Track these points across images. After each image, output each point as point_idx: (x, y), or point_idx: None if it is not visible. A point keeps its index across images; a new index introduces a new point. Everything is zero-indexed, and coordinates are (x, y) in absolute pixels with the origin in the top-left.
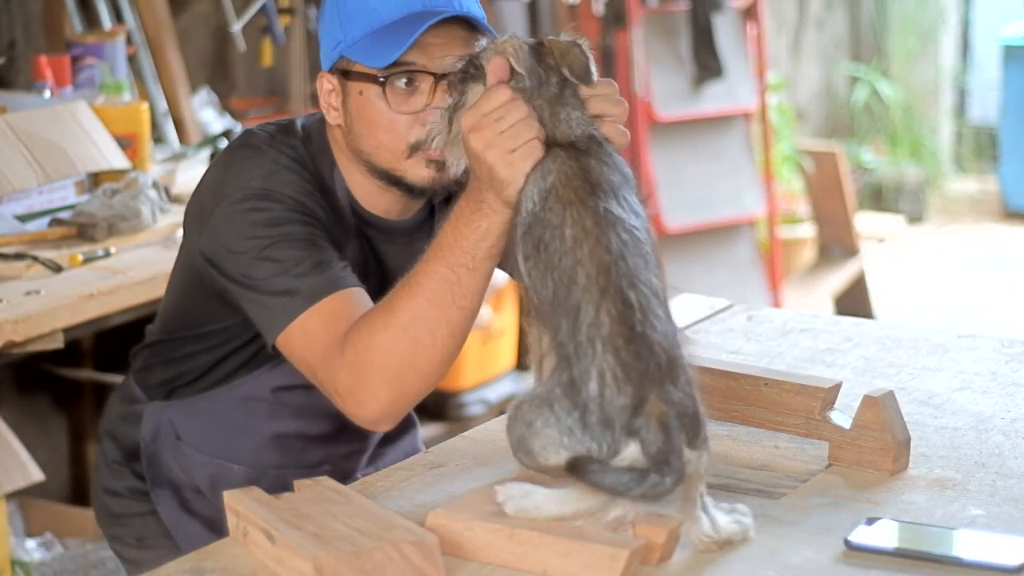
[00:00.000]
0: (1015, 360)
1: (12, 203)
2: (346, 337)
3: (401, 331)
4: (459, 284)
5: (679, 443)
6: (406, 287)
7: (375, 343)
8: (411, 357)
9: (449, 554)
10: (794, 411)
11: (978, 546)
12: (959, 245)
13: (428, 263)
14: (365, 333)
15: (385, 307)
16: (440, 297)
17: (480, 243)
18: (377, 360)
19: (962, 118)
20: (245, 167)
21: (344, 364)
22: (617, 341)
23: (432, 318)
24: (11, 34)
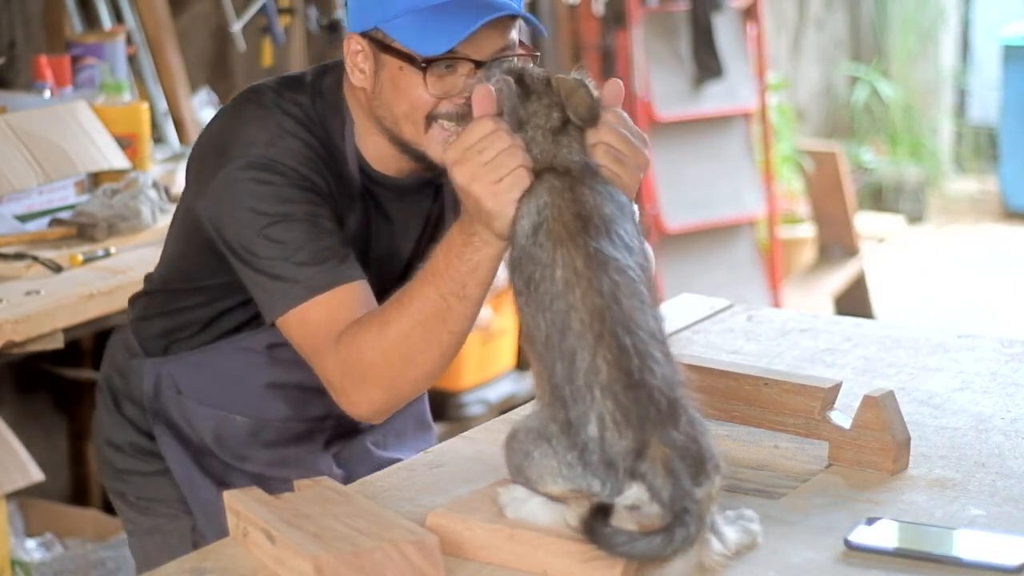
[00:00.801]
0: (1015, 360)
1: (12, 203)
2: (340, 338)
3: (392, 346)
4: (450, 312)
5: (688, 486)
6: (399, 304)
7: (366, 352)
8: (402, 369)
9: (449, 554)
10: (794, 411)
11: (978, 546)
12: (959, 245)
13: (420, 286)
14: (358, 340)
15: (379, 319)
16: (430, 322)
17: (471, 275)
18: (368, 367)
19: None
20: (250, 128)
21: (338, 363)
22: (616, 387)
23: (422, 339)
24: (11, 34)
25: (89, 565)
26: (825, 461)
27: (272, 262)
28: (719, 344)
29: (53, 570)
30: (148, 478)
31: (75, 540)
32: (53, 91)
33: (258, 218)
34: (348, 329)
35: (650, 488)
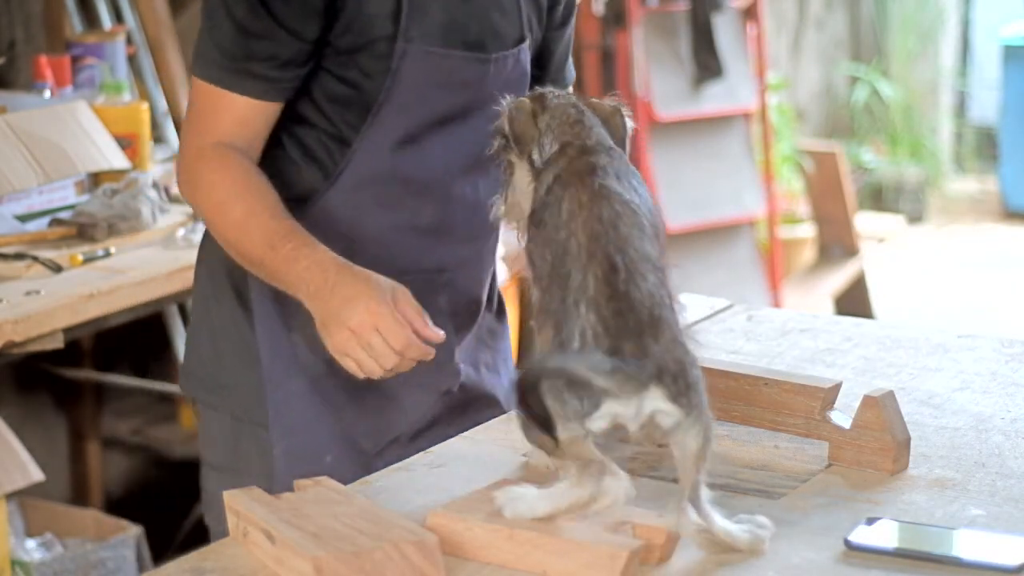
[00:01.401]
0: (1015, 360)
1: (12, 203)
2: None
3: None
4: (255, 257)
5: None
6: (243, 221)
7: (204, 190)
8: (211, 225)
9: (449, 554)
10: (794, 411)
11: (978, 546)
12: (959, 245)
13: (271, 226)
14: (213, 183)
15: (228, 197)
16: (245, 246)
17: (282, 272)
18: (202, 194)
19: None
20: None
21: (195, 165)
22: (599, 300)
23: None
24: (11, 34)
25: (89, 565)
26: (825, 461)
27: (207, 23)
28: (719, 344)
29: (53, 570)
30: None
31: (75, 540)
32: (53, 91)
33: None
34: (223, 169)
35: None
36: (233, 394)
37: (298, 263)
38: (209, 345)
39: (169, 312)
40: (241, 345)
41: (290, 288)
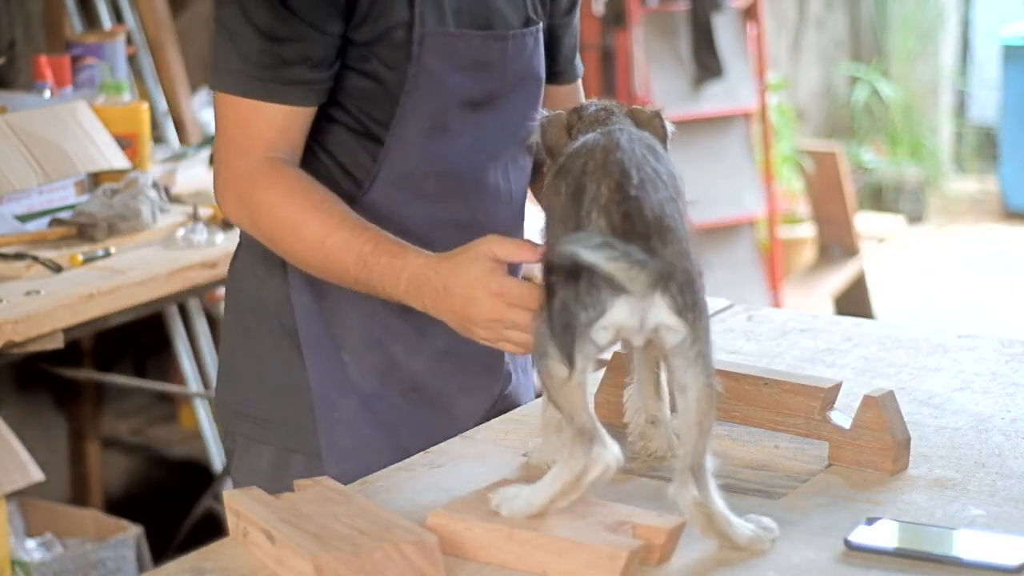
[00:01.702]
0: (1015, 360)
1: (12, 203)
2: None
3: (281, 232)
4: (340, 274)
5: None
6: (322, 227)
7: (266, 209)
8: (281, 247)
9: (449, 554)
10: (794, 411)
11: (978, 546)
12: (959, 245)
13: (347, 249)
14: (273, 199)
15: (300, 216)
16: (327, 261)
17: (379, 286)
18: (259, 213)
19: (962, 118)
20: None
21: (245, 183)
22: (610, 206)
23: (306, 259)
24: (11, 34)
25: (89, 565)
26: (825, 461)
27: (223, 34)
28: (719, 344)
29: (53, 570)
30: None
31: (75, 540)
32: (53, 91)
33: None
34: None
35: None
36: (283, 427)
37: (399, 279)
38: (253, 377)
39: (169, 312)
40: (287, 373)
41: (399, 300)
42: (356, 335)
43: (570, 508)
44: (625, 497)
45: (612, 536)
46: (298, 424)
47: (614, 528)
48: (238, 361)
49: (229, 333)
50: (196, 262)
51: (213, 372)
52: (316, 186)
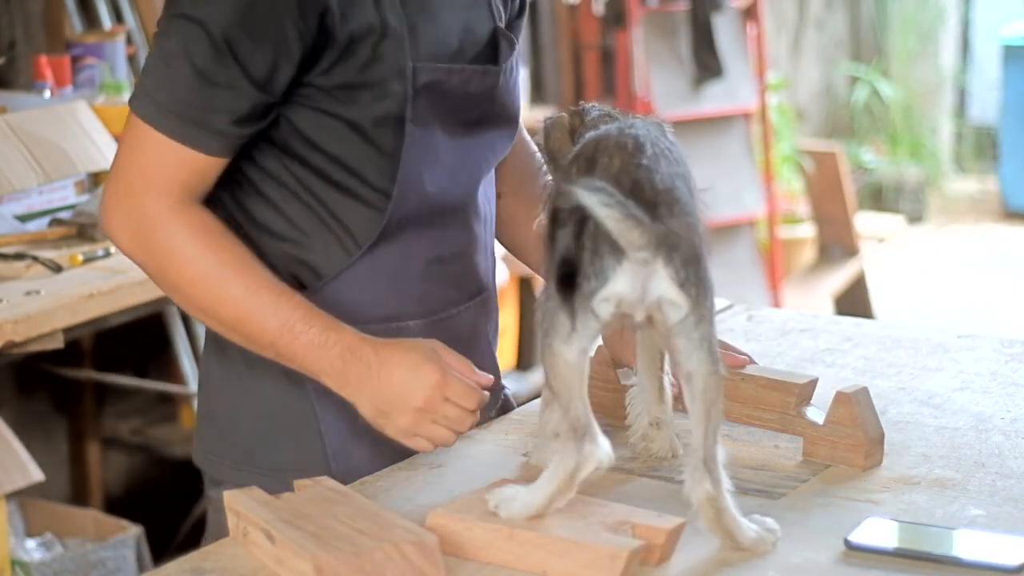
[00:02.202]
0: (1015, 360)
1: (12, 203)
2: (179, 224)
3: (198, 282)
4: (263, 350)
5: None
6: (243, 285)
7: (177, 254)
8: (187, 296)
9: (449, 554)
10: (770, 406)
11: (978, 546)
12: (959, 245)
13: (268, 315)
14: (183, 256)
15: (217, 271)
16: (240, 326)
17: (302, 363)
18: (163, 253)
19: (962, 118)
20: None
21: (145, 230)
22: (621, 175)
23: (217, 324)
24: (11, 34)
25: (89, 565)
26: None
27: (159, 60)
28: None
29: (53, 570)
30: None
31: (75, 540)
32: (53, 91)
33: (185, 15)
34: (197, 235)
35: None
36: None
37: (328, 350)
38: (252, 420)
39: (169, 312)
40: (295, 423)
41: (316, 374)
42: None
43: (570, 508)
44: (625, 497)
45: (612, 536)
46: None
47: (614, 528)
48: (228, 403)
49: (208, 377)
50: None
51: None
52: (243, 248)
